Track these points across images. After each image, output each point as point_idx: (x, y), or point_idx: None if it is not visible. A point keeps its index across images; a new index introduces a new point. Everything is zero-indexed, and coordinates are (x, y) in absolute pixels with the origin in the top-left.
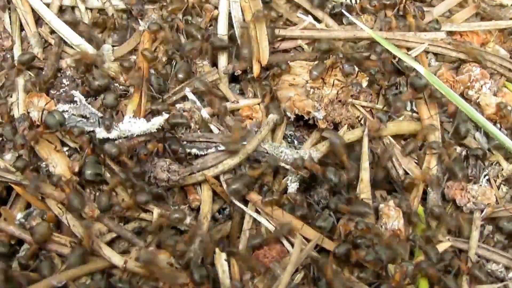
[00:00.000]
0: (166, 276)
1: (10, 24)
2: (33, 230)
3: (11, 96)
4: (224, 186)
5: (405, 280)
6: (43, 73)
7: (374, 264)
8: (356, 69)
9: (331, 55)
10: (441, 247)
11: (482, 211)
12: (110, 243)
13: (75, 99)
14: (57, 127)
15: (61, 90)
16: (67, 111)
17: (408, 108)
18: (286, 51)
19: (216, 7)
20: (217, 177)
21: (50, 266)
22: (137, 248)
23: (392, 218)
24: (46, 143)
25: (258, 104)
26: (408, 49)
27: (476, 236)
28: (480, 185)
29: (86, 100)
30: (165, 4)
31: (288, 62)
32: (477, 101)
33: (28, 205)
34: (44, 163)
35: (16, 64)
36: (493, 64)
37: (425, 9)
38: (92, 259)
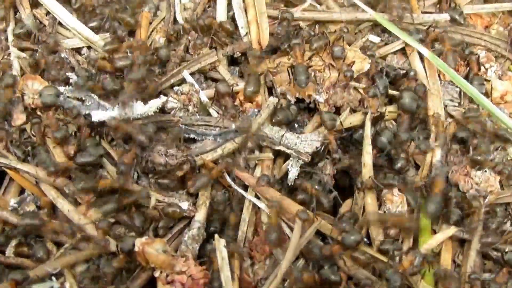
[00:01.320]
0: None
1: (4, 4)
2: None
3: None
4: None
5: (412, 268)
6: (38, 54)
7: None
8: (346, 52)
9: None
10: (445, 234)
11: (485, 198)
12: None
13: (71, 81)
14: (53, 103)
15: (56, 72)
16: (62, 93)
17: None
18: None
19: None
20: (215, 162)
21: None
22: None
23: (396, 204)
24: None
25: None
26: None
27: (480, 224)
28: (485, 171)
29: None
30: None
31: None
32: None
33: (22, 191)
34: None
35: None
36: (497, 47)
37: None
38: (88, 245)
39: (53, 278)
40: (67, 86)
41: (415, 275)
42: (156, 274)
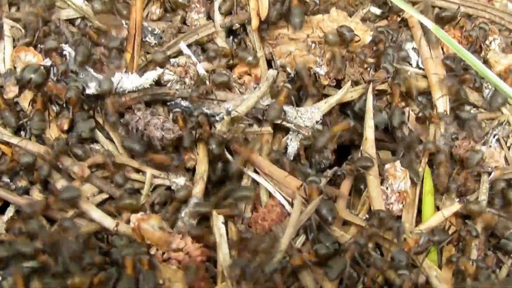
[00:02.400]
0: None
1: None
2: None
3: None
4: None
5: (417, 247)
6: (31, 26)
7: None
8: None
9: None
10: (450, 210)
11: (490, 174)
12: (100, 205)
13: (64, 53)
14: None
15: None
16: (49, 68)
17: (414, 64)
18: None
19: None
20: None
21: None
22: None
23: (399, 179)
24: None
25: None
26: (414, 3)
27: (484, 199)
28: (490, 146)
29: None
30: None
31: None
32: (486, 57)
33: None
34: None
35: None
36: (501, 20)
37: None
38: (81, 222)
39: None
40: (62, 58)
41: (420, 254)
42: (152, 251)
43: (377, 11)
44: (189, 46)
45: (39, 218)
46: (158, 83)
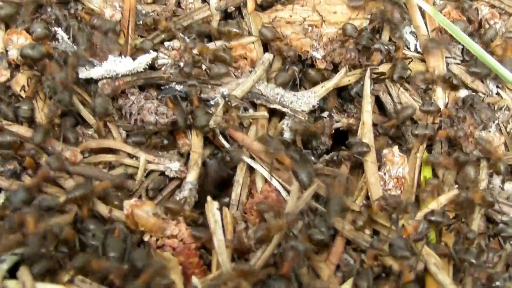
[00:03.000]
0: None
1: None
2: None
3: None
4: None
5: (416, 234)
6: (23, 9)
7: None
8: None
9: None
10: (448, 196)
11: (489, 160)
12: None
13: (57, 36)
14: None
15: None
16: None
17: (412, 48)
18: None
19: None
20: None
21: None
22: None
23: (397, 165)
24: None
25: (253, 42)
26: None
27: (483, 186)
28: (489, 132)
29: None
30: None
31: None
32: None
33: None
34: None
35: None
36: (501, 3)
37: None
38: (74, 208)
39: None
40: (54, 41)
41: (418, 241)
42: (146, 238)
43: None
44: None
45: None
46: (152, 67)
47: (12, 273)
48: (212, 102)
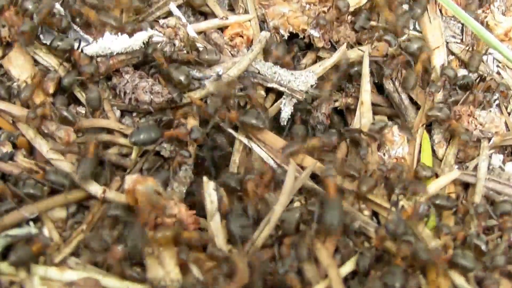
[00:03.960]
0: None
1: None
2: None
3: None
4: None
5: (416, 216)
6: None
7: None
8: None
9: None
10: (448, 178)
11: (489, 140)
12: None
13: (54, 11)
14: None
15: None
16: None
17: (411, 27)
18: None
19: None
20: (204, 100)
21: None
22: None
23: (396, 145)
24: (18, 60)
25: (249, 20)
26: None
27: (484, 167)
28: (490, 111)
29: None
30: None
31: None
32: (485, 20)
33: None
34: (15, 83)
35: None
36: None
37: None
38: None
39: (31, 223)
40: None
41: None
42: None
43: None
44: (179, 7)
45: None
46: (147, 44)
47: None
48: (206, 82)
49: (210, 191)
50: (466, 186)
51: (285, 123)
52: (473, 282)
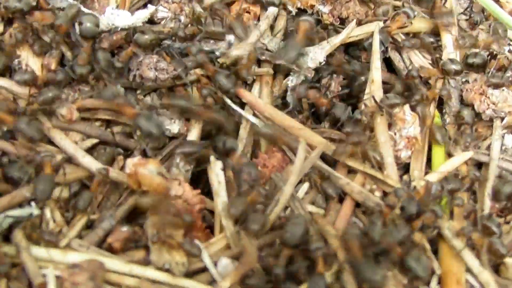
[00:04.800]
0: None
1: None
2: None
3: None
4: None
5: (429, 197)
6: None
7: None
8: None
9: None
10: (462, 158)
11: (502, 119)
12: (89, 150)
13: None
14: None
15: None
16: None
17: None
18: None
19: None
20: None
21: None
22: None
23: (408, 124)
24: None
25: None
26: None
27: (497, 146)
28: (503, 90)
29: None
30: None
31: None
32: None
33: None
34: (16, 60)
35: None
36: None
37: None
38: (69, 168)
39: (32, 203)
40: None
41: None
42: None
43: None
44: None
45: None
46: (151, 21)
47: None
48: (217, 53)
49: (217, 171)
50: (479, 166)
51: (292, 101)
52: (487, 264)
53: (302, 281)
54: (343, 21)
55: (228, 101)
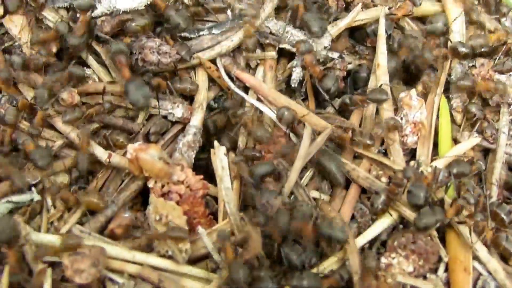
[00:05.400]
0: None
1: None
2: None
3: None
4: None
5: (436, 182)
6: None
7: None
8: None
9: None
10: (469, 143)
11: (510, 106)
12: (92, 135)
13: None
14: None
15: None
16: None
17: None
18: None
19: None
20: (213, 61)
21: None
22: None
23: (414, 109)
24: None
25: None
26: None
27: (504, 133)
28: (510, 76)
29: None
30: None
31: None
32: None
33: None
34: (16, 42)
35: None
36: None
37: None
38: (70, 153)
39: (33, 189)
40: None
41: (438, 189)
42: (150, 184)
43: None
44: None
45: None
46: (153, 4)
47: None
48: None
49: (221, 156)
50: (486, 152)
51: (295, 85)
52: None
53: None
54: (348, 5)
55: (232, 85)
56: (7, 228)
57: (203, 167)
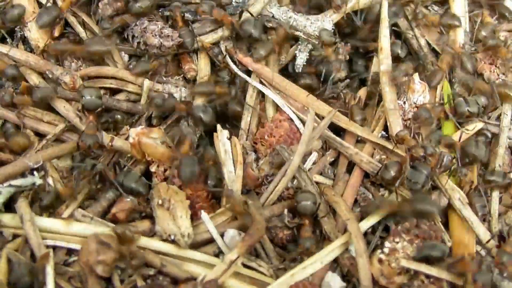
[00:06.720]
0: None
1: None
2: None
3: None
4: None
5: (440, 167)
6: None
7: None
8: None
9: None
10: (472, 129)
11: None
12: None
13: None
14: None
15: None
16: None
17: None
18: None
19: None
20: (215, 44)
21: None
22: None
23: (417, 93)
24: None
25: None
26: None
27: (507, 117)
28: None
29: None
30: None
31: None
32: None
33: None
34: (18, 26)
35: None
36: None
37: None
38: (73, 137)
39: (35, 172)
40: None
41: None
42: (153, 168)
43: None
44: None
45: None
46: None
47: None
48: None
49: (224, 140)
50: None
51: (299, 70)
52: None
53: None
54: None
55: (235, 68)
56: None
57: None
